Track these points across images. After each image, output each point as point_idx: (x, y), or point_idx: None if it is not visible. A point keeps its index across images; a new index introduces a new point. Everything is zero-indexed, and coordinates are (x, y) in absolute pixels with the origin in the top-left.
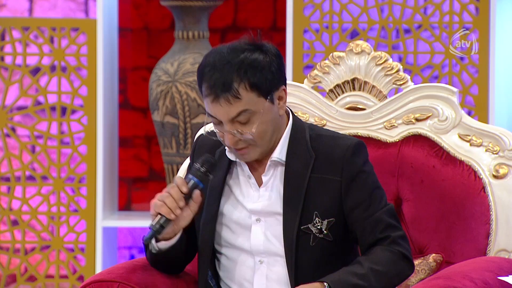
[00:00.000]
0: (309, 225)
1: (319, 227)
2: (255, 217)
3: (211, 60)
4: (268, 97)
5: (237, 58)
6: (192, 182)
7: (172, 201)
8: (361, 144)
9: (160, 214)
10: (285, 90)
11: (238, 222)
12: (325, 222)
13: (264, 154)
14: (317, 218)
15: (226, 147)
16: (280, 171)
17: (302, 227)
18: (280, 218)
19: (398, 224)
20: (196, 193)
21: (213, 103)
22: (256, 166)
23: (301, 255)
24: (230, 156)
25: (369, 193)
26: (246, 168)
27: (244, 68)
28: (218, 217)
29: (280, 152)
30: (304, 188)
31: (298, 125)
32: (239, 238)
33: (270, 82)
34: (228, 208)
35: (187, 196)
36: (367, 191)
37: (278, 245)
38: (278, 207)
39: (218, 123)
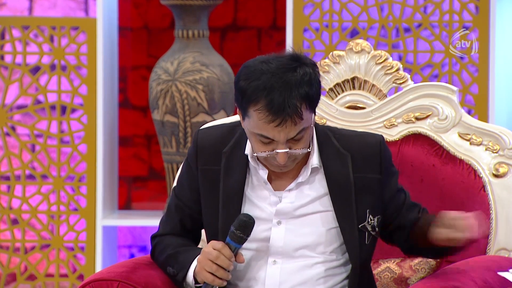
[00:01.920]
0: (365, 223)
1: (372, 224)
2: (276, 220)
3: (265, 83)
4: (315, 110)
5: (294, 77)
6: (234, 248)
7: (223, 273)
8: (384, 139)
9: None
10: None
11: (257, 226)
12: (375, 219)
13: None
14: (370, 216)
15: (251, 154)
16: (312, 176)
17: (360, 226)
18: (308, 219)
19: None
20: (240, 258)
21: (277, 127)
22: (280, 172)
23: (362, 254)
24: (252, 162)
25: (397, 183)
26: (264, 173)
27: (303, 87)
28: None
29: (316, 158)
30: (352, 188)
31: (320, 129)
32: (255, 241)
33: (318, 95)
34: (248, 213)
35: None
36: (396, 181)
37: (300, 248)
38: (312, 208)
39: (269, 142)
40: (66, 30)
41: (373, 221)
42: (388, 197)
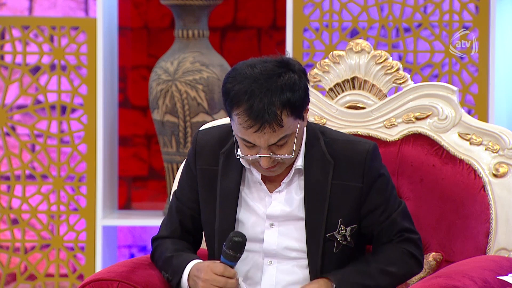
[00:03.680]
0: (334, 233)
1: (343, 234)
2: (269, 222)
3: (247, 87)
4: (301, 117)
5: (276, 83)
6: (231, 266)
7: None
8: (376, 148)
9: None
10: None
11: (253, 227)
12: (348, 229)
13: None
14: (342, 226)
15: (240, 158)
16: (297, 178)
17: (327, 235)
18: (299, 224)
19: (412, 226)
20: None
21: (255, 132)
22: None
23: (324, 262)
24: (244, 163)
25: (386, 196)
26: (258, 174)
27: (285, 94)
28: (235, 224)
29: (301, 160)
30: (327, 196)
31: (311, 130)
32: (250, 241)
33: (304, 101)
34: (243, 214)
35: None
36: (385, 194)
37: (293, 250)
38: (296, 213)
39: (252, 146)
40: (66, 30)
41: (344, 231)
42: (367, 209)
